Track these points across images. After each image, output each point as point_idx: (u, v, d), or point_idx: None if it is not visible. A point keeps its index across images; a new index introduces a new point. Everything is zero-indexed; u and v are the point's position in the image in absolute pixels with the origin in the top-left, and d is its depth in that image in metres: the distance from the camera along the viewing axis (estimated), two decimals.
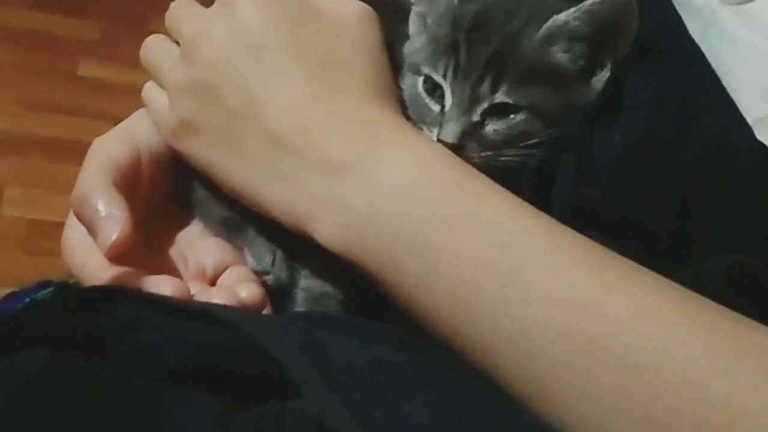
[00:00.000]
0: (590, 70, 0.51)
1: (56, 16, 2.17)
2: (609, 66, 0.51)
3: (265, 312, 0.49)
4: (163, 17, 0.53)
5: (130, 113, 0.54)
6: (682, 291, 0.40)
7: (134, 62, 0.54)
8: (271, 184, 0.47)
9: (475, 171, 0.46)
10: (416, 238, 0.43)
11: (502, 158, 0.50)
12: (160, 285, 0.46)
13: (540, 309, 0.40)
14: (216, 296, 0.47)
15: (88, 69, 2.05)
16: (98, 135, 0.51)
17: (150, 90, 0.53)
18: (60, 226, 0.50)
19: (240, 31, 0.49)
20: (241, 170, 0.48)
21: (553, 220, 0.43)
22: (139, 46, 0.53)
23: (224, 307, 0.45)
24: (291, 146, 0.46)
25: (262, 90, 0.47)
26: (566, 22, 0.50)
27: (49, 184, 1.67)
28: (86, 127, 1.75)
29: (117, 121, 0.53)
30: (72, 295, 0.45)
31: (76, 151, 0.54)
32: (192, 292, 0.47)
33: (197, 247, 0.53)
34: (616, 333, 0.38)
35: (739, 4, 0.57)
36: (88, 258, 0.47)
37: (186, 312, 0.41)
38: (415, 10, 0.55)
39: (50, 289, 0.56)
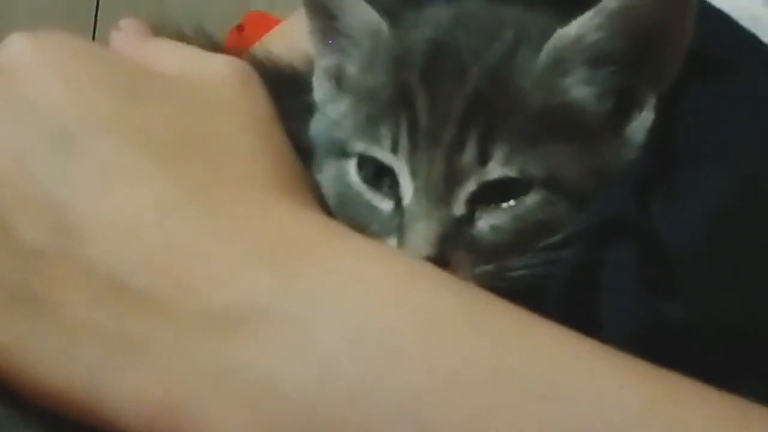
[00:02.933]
0: (622, 113, 0.36)
1: None
2: (653, 102, 0.36)
3: None
4: None
5: None
6: None
7: None
8: (116, 369, 0.31)
9: (480, 291, 0.30)
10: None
11: (511, 272, 0.34)
12: None
13: None
14: None
15: None
16: None
17: None
18: None
19: (33, 113, 0.33)
20: (56, 354, 0.32)
21: (647, 365, 0.29)
22: None
23: None
24: (145, 294, 0.31)
25: (82, 203, 0.32)
26: (580, 37, 0.35)
27: None
28: None
29: None
30: None
31: None
32: None
33: None
34: None
35: None
36: None
37: None
38: (320, 66, 0.41)
39: None
